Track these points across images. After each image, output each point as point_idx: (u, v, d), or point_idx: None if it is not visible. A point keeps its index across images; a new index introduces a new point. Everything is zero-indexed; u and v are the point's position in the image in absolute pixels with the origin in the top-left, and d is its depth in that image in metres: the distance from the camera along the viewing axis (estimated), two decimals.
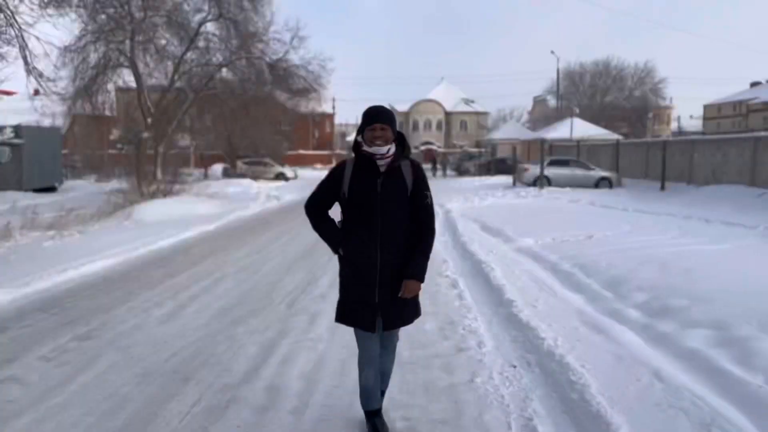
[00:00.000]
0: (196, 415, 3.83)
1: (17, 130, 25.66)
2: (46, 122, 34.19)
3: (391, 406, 3.95)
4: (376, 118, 3.36)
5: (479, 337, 5.36)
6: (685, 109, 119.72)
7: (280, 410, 3.92)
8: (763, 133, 20.29)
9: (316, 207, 3.63)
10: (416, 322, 5.76)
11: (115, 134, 58.06)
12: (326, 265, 8.81)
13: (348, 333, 4.02)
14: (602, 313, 6.10)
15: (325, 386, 4.33)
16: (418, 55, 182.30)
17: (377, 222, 3.38)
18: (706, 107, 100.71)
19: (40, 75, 14.24)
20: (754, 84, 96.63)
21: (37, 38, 13.97)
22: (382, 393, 3.74)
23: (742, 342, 4.80)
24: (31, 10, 13.91)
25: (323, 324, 5.88)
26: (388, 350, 3.69)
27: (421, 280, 3.48)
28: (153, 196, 18.61)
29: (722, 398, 3.89)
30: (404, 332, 5.48)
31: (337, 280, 3.65)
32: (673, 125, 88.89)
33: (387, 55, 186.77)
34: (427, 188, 3.55)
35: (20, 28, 13.50)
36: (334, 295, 6.43)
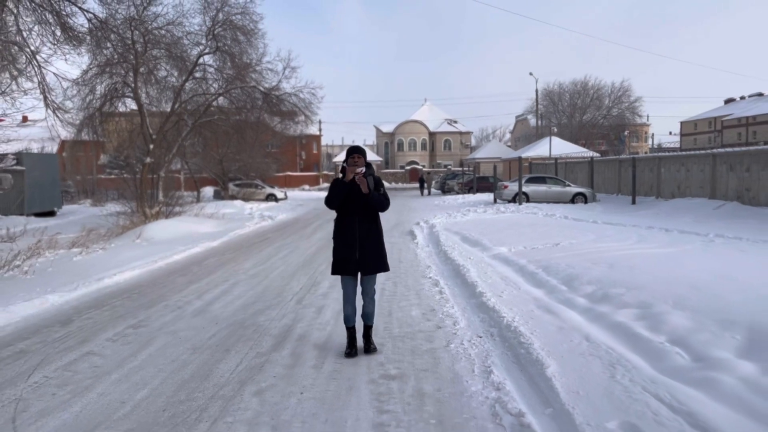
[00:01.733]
0: (241, 371, 5.15)
1: (19, 157, 26.83)
2: (34, 148, 35.26)
3: (386, 360, 5.32)
4: (355, 151, 5.60)
5: (454, 319, 6.73)
6: (665, 125, 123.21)
7: (303, 367, 5.25)
8: (719, 150, 21.91)
9: (330, 199, 5.66)
10: (404, 308, 7.22)
11: (103, 159, 59.12)
12: (325, 272, 10.14)
13: None
14: (555, 301, 7.48)
15: (334, 353, 5.65)
16: (401, 78, 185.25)
17: (356, 209, 5.55)
18: (683, 124, 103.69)
19: (58, 108, 15.60)
20: (728, 101, 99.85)
21: (55, 74, 15.36)
22: (370, 327, 5.75)
23: (657, 316, 6.20)
24: (49, 48, 15.32)
25: (328, 314, 7.22)
26: (368, 295, 5.67)
27: (371, 185, 5.51)
28: (156, 217, 19.83)
29: (630, 351, 5.28)
30: (395, 316, 6.91)
31: (335, 282, 5.53)
32: (650, 142, 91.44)
33: (371, 79, 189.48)
34: (382, 186, 5.70)
35: (39, 65, 14.88)
36: (335, 294, 7.90)
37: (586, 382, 4.53)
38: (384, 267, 5.69)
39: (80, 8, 15.87)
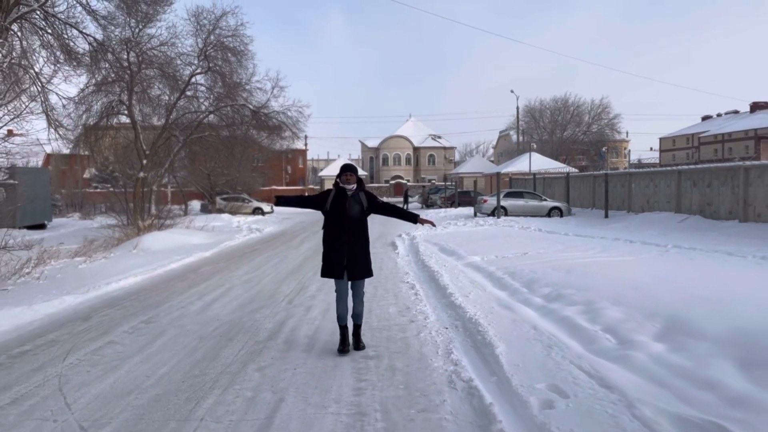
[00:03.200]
0: (243, 355, 6.13)
1: (11, 171, 27.53)
2: (18, 162, 35.85)
3: (365, 345, 6.31)
4: (348, 169, 6.28)
5: (425, 315, 7.76)
6: (646, 142, 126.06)
7: (295, 351, 6.25)
8: (684, 167, 23.26)
9: (302, 198, 6.68)
10: (382, 307, 8.22)
11: (88, 173, 59.65)
12: (312, 278, 11.13)
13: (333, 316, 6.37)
14: (515, 300, 8.54)
15: (322, 341, 6.65)
16: (386, 94, 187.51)
17: (345, 223, 6.16)
18: (662, 140, 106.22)
19: (59, 125, 16.51)
20: (705, 118, 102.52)
21: (58, 94, 16.29)
22: (359, 326, 6.37)
23: (596, 311, 7.27)
24: (51, 69, 16.25)
25: (316, 311, 8.22)
26: (358, 297, 6.32)
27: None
28: (148, 229, 20.69)
29: (568, 337, 6.34)
30: (374, 313, 7.92)
31: (322, 286, 6.38)
32: (632, 157, 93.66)
33: (356, 94, 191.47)
34: (377, 198, 6.44)
35: (43, 86, 15.80)
36: (322, 296, 8.92)
37: (527, 358, 5.57)
38: (369, 273, 6.34)
39: (81, 32, 16.86)
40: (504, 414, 4.28)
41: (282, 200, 6.53)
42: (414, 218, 6.67)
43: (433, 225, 6.67)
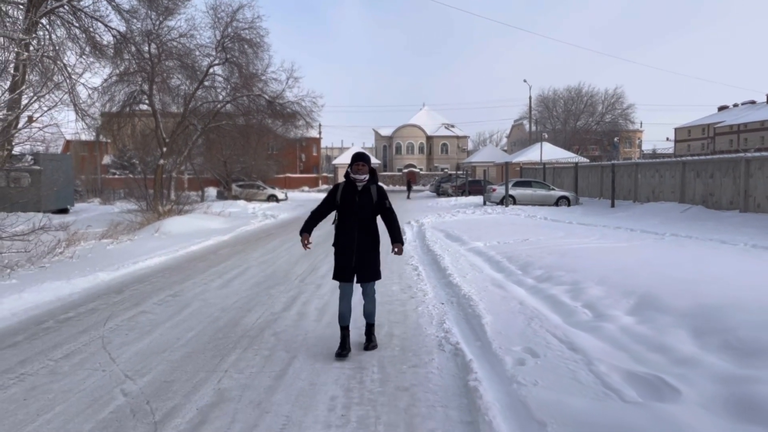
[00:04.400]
0: (261, 323, 6.95)
1: (36, 157, 28.58)
2: (39, 148, 36.98)
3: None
4: (360, 158, 5.72)
5: (425, 292, 8.54)
6: (662, 132, 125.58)
7: (306, 320, 7.05)
8: (688, 158, 23.75)
9: (316, 212, 6.02)
10: (386, 284, 9.01)
11: (106, 159, 60.91)
12: (323, 260, 11.93)
13: None
14: (509, 281, 9.28)
15: (330, 313, 7.43)
16: (400, 83, 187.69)
17: (355, 219, 5.76)
18: (677, 130, 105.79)
19: (86, 114, 17.42)
20: (721, 108, 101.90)
21: (84, 85, 17.19)
22: (372, 325, 6.01)
23: (581, 290, 7.99)
24: (79, 61, 17.11)
25: (325, 289, 9.02)
26: (368, 297, 5.95)
27: (402, 242, 5.92)
28: (168, 214, 21.61)
29: (550, 311, 7.08)
30: (378, 291, 8.62)
31: (331, 269, 6.14)
32: (645, 147, 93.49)
33: (370, 83, 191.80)
34: (386, 199, 5.86)
35: (72, 78, 16.68)
36: (331, 276, 9.58)
37: (509, 327, 6.33)
38: (377, 276, 5.94)
39: (106, 25, 17.71)
40: (481, 369, 5.04)
41: (308, 226, 6.00)
42: (397, 240, 6.00)
43: (399, 253, 6.06)
